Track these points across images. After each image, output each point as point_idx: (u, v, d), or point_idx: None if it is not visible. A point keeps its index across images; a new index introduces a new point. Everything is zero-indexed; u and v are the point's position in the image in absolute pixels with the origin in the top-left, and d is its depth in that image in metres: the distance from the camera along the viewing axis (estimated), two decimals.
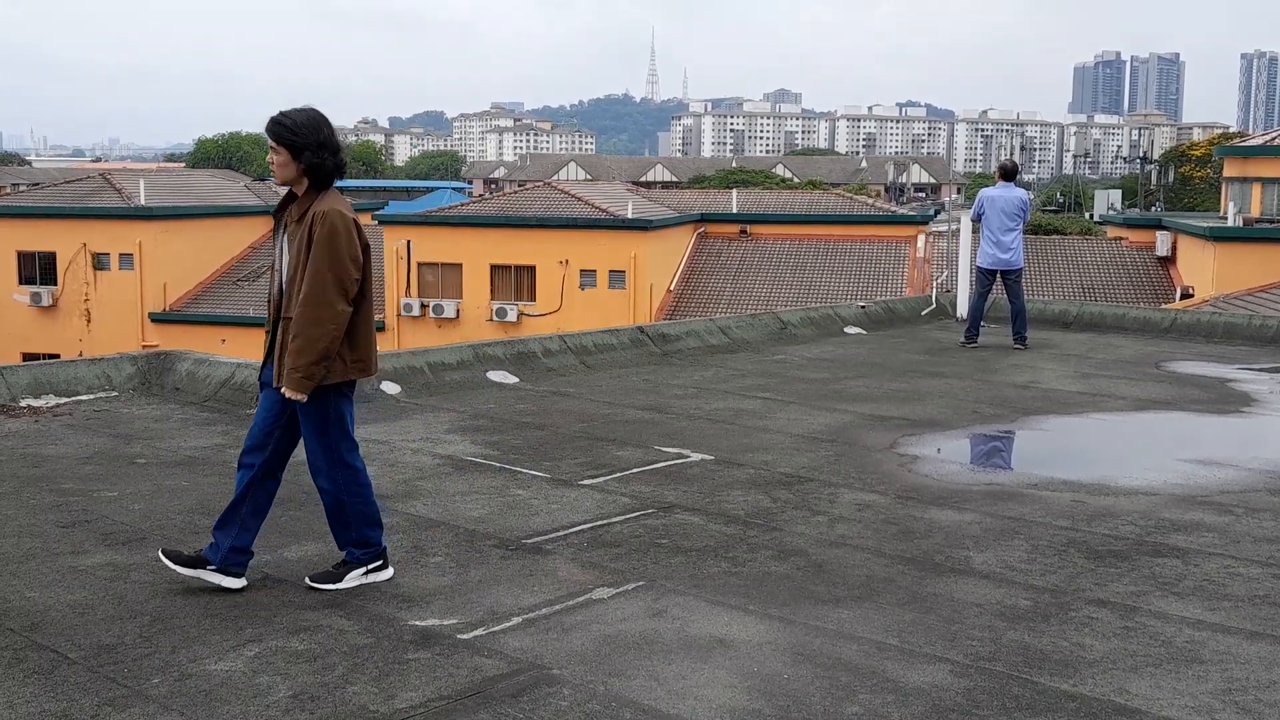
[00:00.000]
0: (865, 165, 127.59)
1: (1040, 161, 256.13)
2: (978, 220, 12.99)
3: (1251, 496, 6.65)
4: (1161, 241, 35.46)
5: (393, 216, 38.89)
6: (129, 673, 4.06)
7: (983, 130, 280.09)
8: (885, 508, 6.30)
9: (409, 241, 36.09)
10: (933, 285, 18.51)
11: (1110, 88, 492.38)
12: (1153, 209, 50.24)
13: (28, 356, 34.22)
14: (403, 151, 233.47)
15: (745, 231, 38.89)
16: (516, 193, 42.04)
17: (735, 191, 45.03)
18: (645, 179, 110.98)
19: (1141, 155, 55.23)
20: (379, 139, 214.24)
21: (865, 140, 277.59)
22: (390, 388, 9.21)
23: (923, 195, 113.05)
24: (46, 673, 4.04)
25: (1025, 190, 13.79)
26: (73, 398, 8.62)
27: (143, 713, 3.76)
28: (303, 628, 4.47)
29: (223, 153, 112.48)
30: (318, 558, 5.27)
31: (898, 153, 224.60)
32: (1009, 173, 13.12)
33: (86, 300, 38.03)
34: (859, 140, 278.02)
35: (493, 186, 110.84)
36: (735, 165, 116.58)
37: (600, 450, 7.55)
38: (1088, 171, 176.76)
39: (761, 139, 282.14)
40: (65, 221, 38.17)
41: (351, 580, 4.93)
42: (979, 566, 5.34)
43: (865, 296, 14.63)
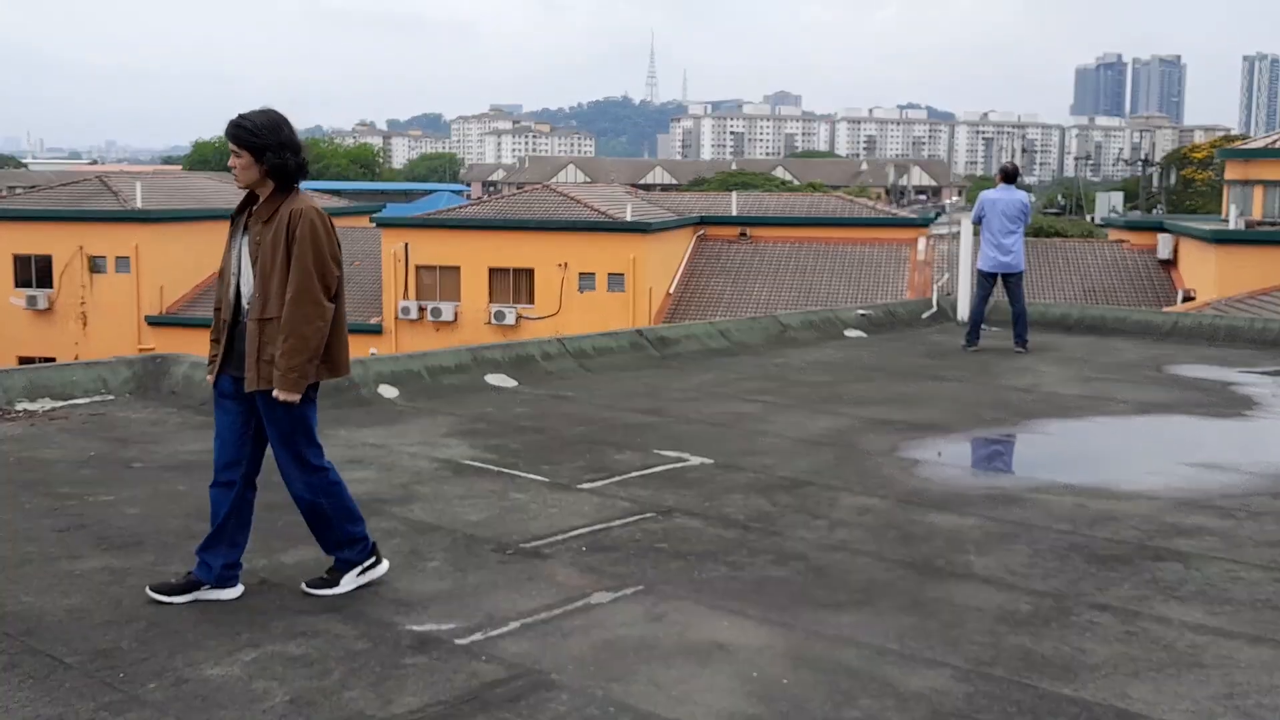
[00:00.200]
0: (866, 167, 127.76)
1: (1041, 164, 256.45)
2: (978, 223, 12.98)
3: (1254, 500, 6.63)
4: (1163, 244, 35.46)
5: (391, 219, 38.92)
6: (125, 677, 4.04)
7: (984, 132, 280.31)
8: (886, 512, 6.28)
9: (407, 244, 36.07)
10: (933, 288, 18.50)
11: (1112, 90, 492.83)
12: (1154, 211, 50.29)
13: (23, 360, 34.16)
14: (401, 154, 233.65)
15: (745, 234, 38.88)
16: (515, 195, 41.99)
17: (735, 194, 44.98)
18: (644, 181, 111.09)
19: (1143, 158, 55.33)
20: (377, 141, 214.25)
21: (866, 142, 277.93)
22: (388, 391, 9.20)
23: (923, 198, 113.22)
24: (43, 677, 4.03)
25: (1026, 193, 13.77)
26: (69, 402, 8.60)
27: (139, 717, 3.75)
28: (299, 633, 4.45)
29: (220, 155, 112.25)
30: (314, 563, 5.24)
31: (898, 155, 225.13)
32: (1010, 175, 13.12)
33: (82, 303, 38.01)
34: (859, 142, 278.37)
35: (491, 189, 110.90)
36: (735, 167, 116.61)
37: (599, 454, 7.53)
38: (1089, 174, 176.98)
39: (761, 141, 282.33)
40: (61, 224, 38.16)
41: (348, 583, 4.88)
42: (980, 571, 5.32)
43: (866, 303, 14.60)
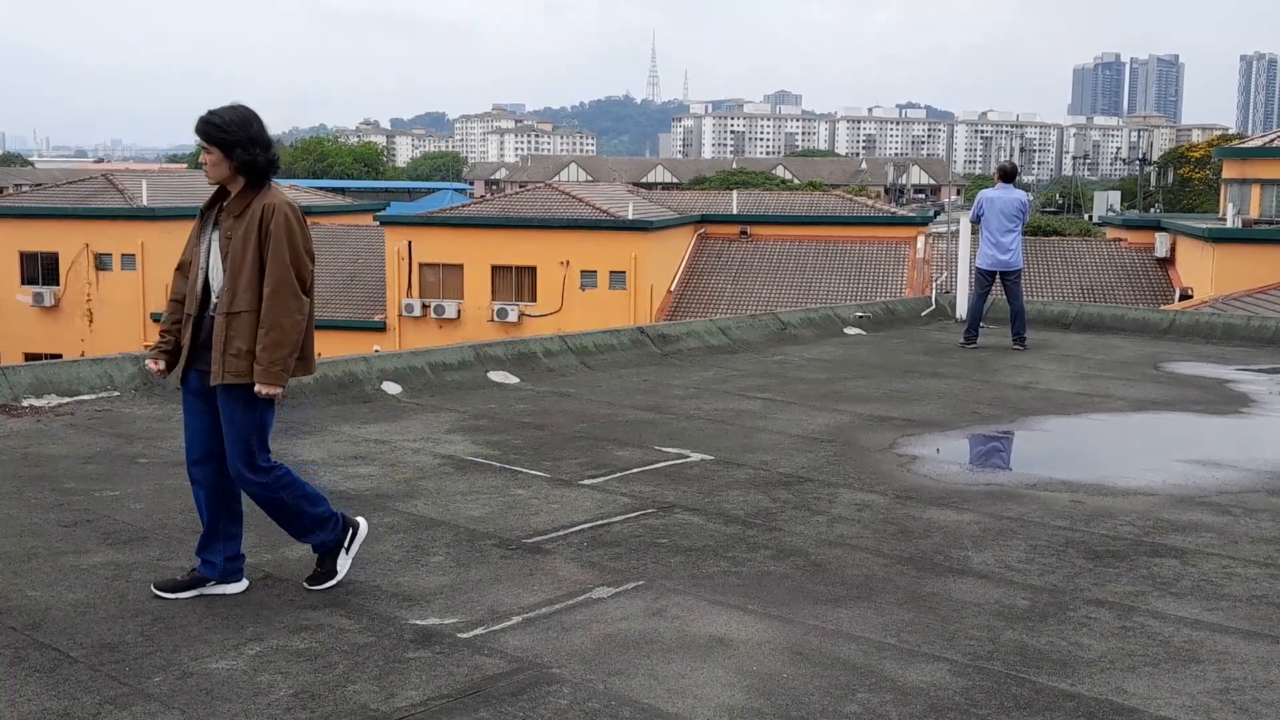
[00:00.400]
0: (865, 166, 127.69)
1: (1039, 163, 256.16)
2: (977, 221, 13.01)
3: (1250, 497, 6.66)
4: (1160, 243, 35.49)
5: (394, 217, 38.97)
6: (130, 671, 4.07)
7: (982, 132, 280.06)
8: (884, 508, 6.32)
9: (410, 242, 36.13)
10: (932, 286, 18.53)
11: (1109, 89, 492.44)
12: (1152, 210, 50.25)
13: (30, 356, 34.23)
14: (404, 152, 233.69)
15: (745, 232, 38.91)
16: (518, 194, 42.07)
17: (735, 192, 45.02)
18: (646, 180, 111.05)
19: (1141, 157, 55.25)
20: (381, 140, 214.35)
21: (865, 141, 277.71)
22: (391, 388, 9.24)
23: (922, 196, 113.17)
24: (48, 671, 4.06)
25: (1024, 192, 13.81)
26: (75, 398, 8.63)
27: (144, 711, 3.78)
28: (303, 626, 4.49)
29: None
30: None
31: (897, 154, 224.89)
32: (1008, 174, 13.15)
33: (89, 300, 38.08)
34: (859, 142, 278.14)
35: (494, 187, 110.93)
36: (736, 166, 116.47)
37: (600, 450, 7.56)
38: (1087, 173, 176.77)
39: (762, 140, 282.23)
40: (68, 222, 38.26)
41: (343, 565, 4.88)
42: (977, 566, 5.35)
43: (865, 300, 14.65)
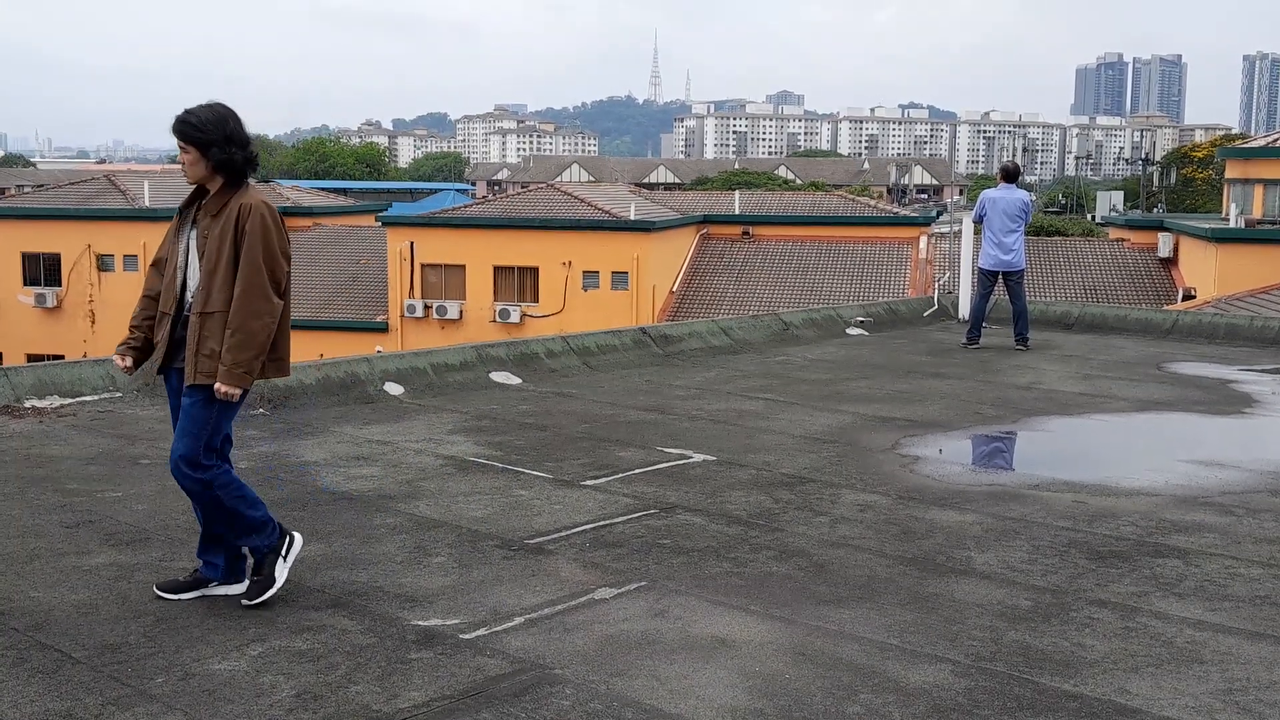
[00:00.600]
0: (867, 166, 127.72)
1: (1042, 163, 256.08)
2: (979, 222, 13.02)
3: (1253, 497, 6.65)
4: (1163, 243, 35.45)
5: (396, 218, 38.97)
6: (133, 672, 4.07)
7: (985, 132, 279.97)
8: (887, 508, 6.31)
9: (412, 243, 36.14)
10: (935, 286, 18.52)
11: (1112, 89, 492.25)
12: (1154, 210, 50.23)
13: (32, 357, 34.26)
14: (406, 153, 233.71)
15: (748, 233, 38.90)
16: (520, 194, 42.07)
17: (738, 193, 45.05)
18: (648, 180, 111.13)
19: (1143, 157, 55.23)
20: (383, 141, 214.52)
21: (867, 142, 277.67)
22: (393, 388, 9.24)
23: (925, 196, 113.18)
24: (51, 672, 4.06)
25: (1027, 192, 13.80)
26: (77, 398, 8.63)
27: (146, 712, 3.78)
28: (306, 627, 4.49)
29: None
30: (320, 558, 5.29)
31: (900, 154, 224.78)
32: (1011, 174, 13.15)
33: (91, 301, 38.12)
34: (861, 142, 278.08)
35: (496, 188, 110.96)
36: (738, 167, 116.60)
37: (603, 451, 7.56)
38: (1089, 173, 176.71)
39: (764, 140, 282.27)
40: (70, 223, 38.32)
41: (281, 572, 4.73)
42: (980, 567, 5.35)
43: (867, 301, 14.65)
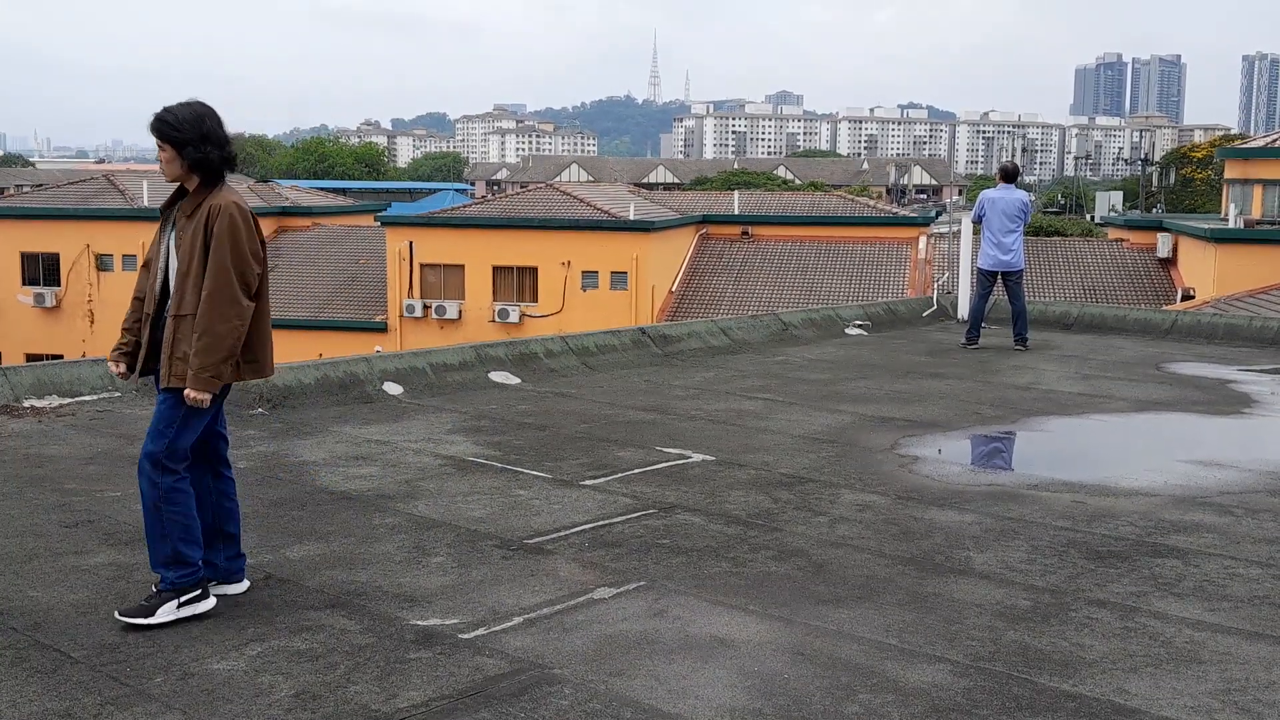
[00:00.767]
0: (867, 167, 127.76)
1: (1041, 163, 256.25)
2: (978, 222, 13.02)
3: (1251, 498, 6.66)
4: (1162, 243, 35.45)
5: (395, 218, 38.96)
6: (131, 672, 4.07)
7: (984, 132, 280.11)
8: (886, 508, 6.32)
9: (411, 243, 36.13)
10: (934, 287, 18.52)
11: (1111, 89, 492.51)
12: (1154, 211, 50.25)
13: (31, 357, 34.28)
14: (405, 153, 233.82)
15: (747, 233, 38.90)
16: (519, 194, 42.04)
17: (737, 193, 45.03)
18: (647, 180, 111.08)
19: (1143, 157, 55.26)
20: (382, 140, 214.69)
21: (867, 142, 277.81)
22: (393, 388, 9.24)
23: (924, 197, 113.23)
24: (49, 672, 4.06)
25: (1026, 192, 13.81)
26: (76, 398, 8.63)
27: (145, 712, 3.78)
28: (305, 627, 4.49)
29: None
30: (319, 558, 5.29)
31: (899, 154, 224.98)
32: (1010, 174, 13.15)
33: (90, 301, 38.11)
34: (860, 142, 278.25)
35: (495, 188, 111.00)
36: (737, 167, 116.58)
37: (602, 451, 7.56)
38: (1089, 173, 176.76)
39: (763, 141, 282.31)
40: (69, 223, 38.31)
41: (165, 614, 4.43)
42: (979, 567, 5.35)
43: (865, 307, 14.65)
